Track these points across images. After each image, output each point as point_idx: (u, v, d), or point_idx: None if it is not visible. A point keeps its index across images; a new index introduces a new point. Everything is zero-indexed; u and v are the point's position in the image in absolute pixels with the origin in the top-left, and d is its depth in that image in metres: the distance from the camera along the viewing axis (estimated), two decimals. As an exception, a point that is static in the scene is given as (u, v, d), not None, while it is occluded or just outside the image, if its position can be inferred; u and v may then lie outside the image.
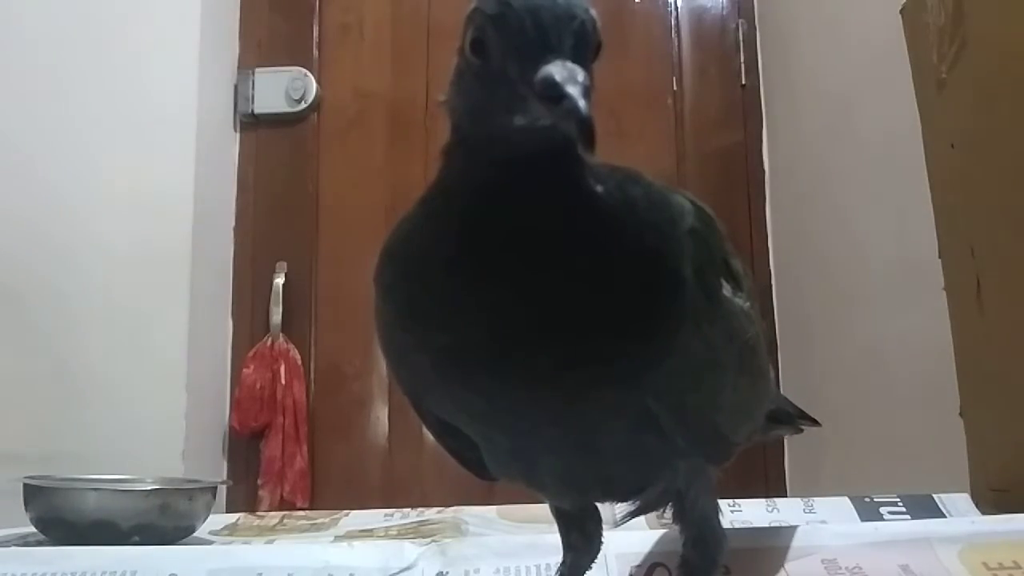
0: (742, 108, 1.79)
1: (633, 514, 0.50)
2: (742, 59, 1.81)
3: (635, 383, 0.40)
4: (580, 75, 0.34)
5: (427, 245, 0.40)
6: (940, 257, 0.91)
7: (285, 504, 1.61)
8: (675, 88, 1.81)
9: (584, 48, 0.36)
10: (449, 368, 0.41)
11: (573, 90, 0.33)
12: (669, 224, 0.42)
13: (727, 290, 0.45)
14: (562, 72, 0.34)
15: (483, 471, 0.49)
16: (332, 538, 0.84)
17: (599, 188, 0.39)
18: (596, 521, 0.52)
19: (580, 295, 0.38)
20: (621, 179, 0.41)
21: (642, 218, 0.40)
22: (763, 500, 0.86)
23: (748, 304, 0.47)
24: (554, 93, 0.33)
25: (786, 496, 1.52)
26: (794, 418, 0.69)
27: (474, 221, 0.38)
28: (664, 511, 0.50)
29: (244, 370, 1.68)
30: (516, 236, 0.38)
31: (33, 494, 0.83)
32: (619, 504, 0.51)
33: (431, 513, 0.91)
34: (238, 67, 1.81)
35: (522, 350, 0.38)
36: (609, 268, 0.38)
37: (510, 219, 0.38)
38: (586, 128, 0.32)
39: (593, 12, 0.36)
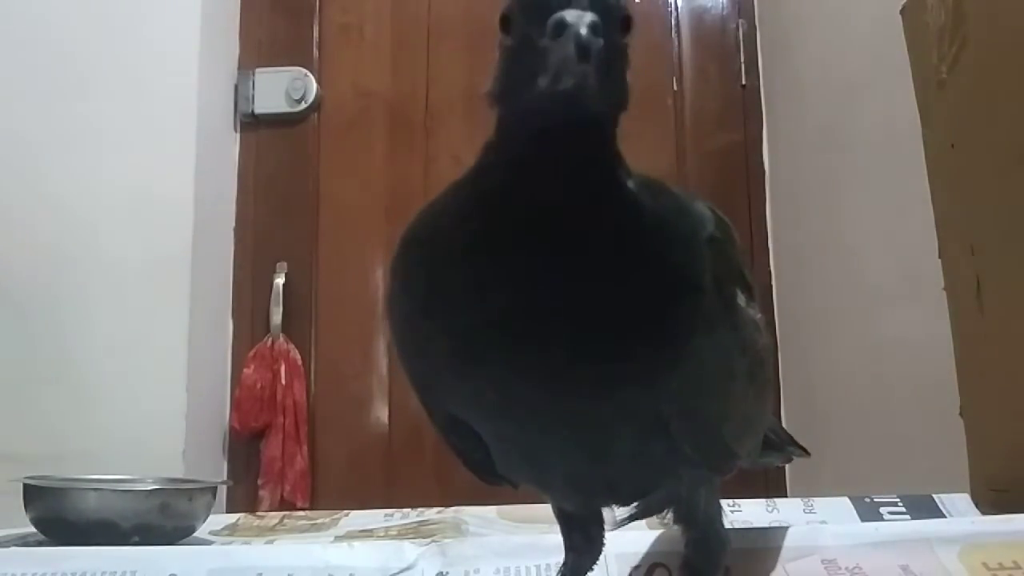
0: (742, 108, 1.79)
1: (634, 517, 0.51)
2: (742, 59, 1.80)
3: (648, 384, 0.40)
4: (589, 17, 0.33)
5: (452, 228, 0.40)
6: (940, 257, 0.90)
7: (285, 504, 1.60)
8: (675, 88, 1.80)
9: (601, 7, 0.35)
10: (465, 355, 0.40)
11: (575, 20, 0.33)
12: (691, 232, 0.42)
13: (742, 300, 0.45)
14: (572, 14, 0.34)
15: (487, 473, 0.49)
16: (332, 538, 0.84)
17: (629, 181, 0.39)
18: (599, 523, 0.52)
19: (598, 289, 0.38)
20: (650, 183, 0.41)
21: (668, 222, 0.40)
22: (763, 500, 0.86)
23: (760, 316, 0.47)
24: (559, 31, 0.33)
25: (786, 496, 1.52)
26: (785, 445, 0.68)
27: (499, 201, 0.38)
28: (665, 513, 0.50)
29: (244, 370, 1.68)
30: (542, 219, 0.37)
31: (33, 494, 0.83)
32: (620, 507, 0.51)
33: (431, 513, 0.90)
34: (238, 67, 1.81)
35: (536, 338, 0.38)
36: (630, 267, 0.38)
37: (537, 201, 0.37)
38: (583, 47, 0.32)
39: None
